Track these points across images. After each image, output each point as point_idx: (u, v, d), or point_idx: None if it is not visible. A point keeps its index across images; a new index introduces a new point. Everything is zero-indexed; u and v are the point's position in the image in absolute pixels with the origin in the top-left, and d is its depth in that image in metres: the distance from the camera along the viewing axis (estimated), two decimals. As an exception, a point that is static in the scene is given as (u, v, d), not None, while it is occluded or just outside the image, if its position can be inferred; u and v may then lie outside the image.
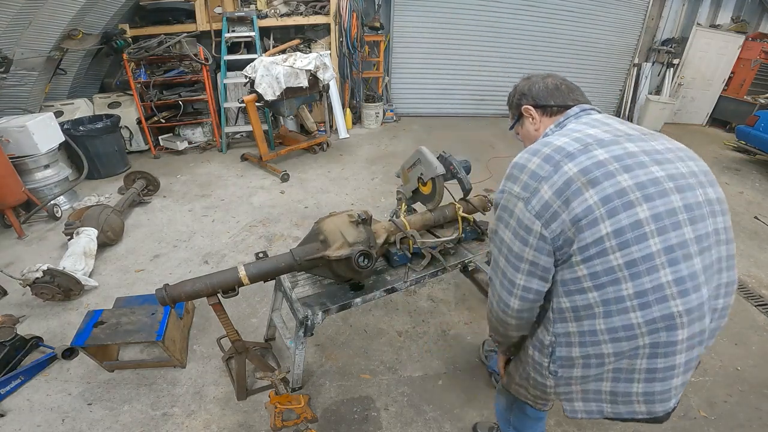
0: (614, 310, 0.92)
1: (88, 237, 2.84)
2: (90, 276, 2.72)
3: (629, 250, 0.87)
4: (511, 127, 1.27)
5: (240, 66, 4.73)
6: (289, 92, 4.23)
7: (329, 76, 4.60)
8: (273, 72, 4.05)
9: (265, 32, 5.55)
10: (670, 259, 0.88)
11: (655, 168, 0.91)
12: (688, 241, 0.89)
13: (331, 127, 5.77)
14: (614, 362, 0.97)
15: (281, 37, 5.78)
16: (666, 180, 0.91)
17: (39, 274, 2.38)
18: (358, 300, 1.80)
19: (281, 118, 5.37)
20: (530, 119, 1.17)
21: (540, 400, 1.19)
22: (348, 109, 6.10)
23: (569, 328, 0.99)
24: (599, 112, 1.09)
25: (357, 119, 6.43)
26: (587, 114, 1.07)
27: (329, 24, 5.55)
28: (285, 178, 4.39)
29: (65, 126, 4.05)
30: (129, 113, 4.82)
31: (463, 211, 2.12)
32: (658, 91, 7.31)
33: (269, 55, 4.58)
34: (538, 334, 1.09)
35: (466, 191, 2.17)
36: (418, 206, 2.34)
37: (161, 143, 5.17)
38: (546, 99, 1.13)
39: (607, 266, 0.89)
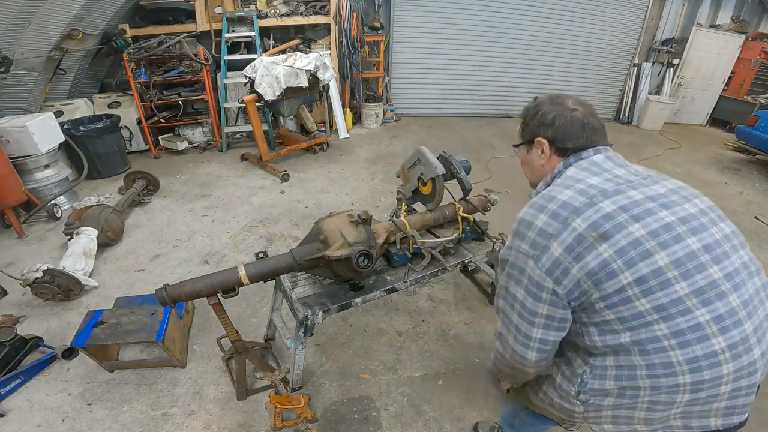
0: (651, 349, 0.90)
1: (88, 237, 2.84)
2: (90, 276, 2.72)
3: (655, 296, 0.87)
4: (516, 146, 1.19)
5: (240, 66, 4.72)
6: (289, 92, 4.23)
7: (329, 76, 4.60)
8: (273, 72, 4.05)
9: (265, 32, 5.55)
10: (702, 301, 0.87)
11: (665, 213, 0.91)
12: (718, 281, 0.89)
13: (331, 127, 5.77)
14: (650, 395, 0.95)
15: (281, 37, 5.78)
16: (678, 224, 0.90)
17: (39, 274, 2.38)
18: (358, 300, 1.80)
19: (281, 118, 5.37)
20: (539, 152, 1.10)
21: (566, 423, 1.19)
22: (348, 109, 6.10)
23: (606, 362, 0.97)
24: (601, 151, 1.05)
25: (357, 119, 6.43)
26: (587, 156, 1.03)
27: (329, 24, 5.55)
28: (285, 178, 4.39)
29: (65, 126, 4.04)
30: (129, 113, 4.82)
31: (463, 211, 2.13)
32: (658, 91, 7.31)
33: (269, 55, 4.58)
34: (566, 363, 1.07)
35: (466, 191, 2.18)
36: (418, 206, 2.34)
37: (161, 143, 5.17)
38: (566, 140, 1.05)
39: (635, 311, 0.89)
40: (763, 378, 0.98)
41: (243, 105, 4.33)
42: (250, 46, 5.37)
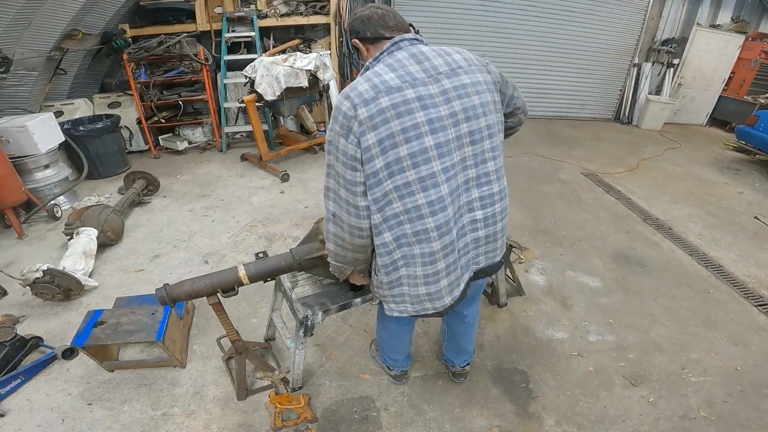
0: (394, 224, 1.21)
1: (88, 237, 2.84)
2: (90, 276, 2.72)
3: (393, 179, 1.15)
4: (356, 60, 1.48)
5: (240, 66, 4.72)
6: (289, 92, 4.23)
7: (329, 76, 4.60)
8: (273, 72, 4.05)
9: (265, 32, 5.54)
10: (423, 187, 1.17)
11: (419, 114, 1.14)
12: (437, 173, 1.17)
13: (331, 127, 5.76)
14: (403, 267, 1.29)
15: (281, 37, 5.78)
16: (424, 124, 1.14)
17: (39, 274, 2.37)
18: (358, 300, 1.81)
19: (281, 118, 5.37)
20: (364, 51, 1.32)
21: (374, 296, 1.53)
22: (348, 109, 6.09)
23: (377, 242, 1.27)
24: (412, 43, 1.24)
25: (357, 119, 6.42)
26: (398, 50, 1.22)
27: (329, 24, 5.54)
28: (285, 178, 4.39)
29: (65, 126, 4.04)
30: (129, 113, 4.82)
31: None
32: (658, 91, 7.30)
33: (269, 55, 4.58)
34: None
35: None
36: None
37: (161, 143, 5.17)
38: (363, 30, 1.29)
39: (383, 192, 1.17)
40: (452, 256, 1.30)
41: (243, 105, 4.33)
42: (250, 46, 5.37)
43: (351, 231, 1.26)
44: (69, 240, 2.86)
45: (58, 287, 2.43)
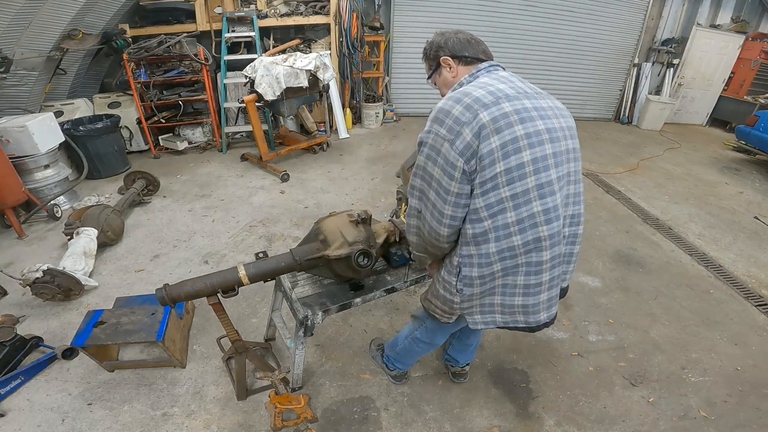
0: (502, 236, 1.17)
1: (88, 237, 2.84)
2: (90, 276, 2.72)
3: (513, 186, 1.12)
4: (429, 77, 1.44)
5: (240, 66, 4.72)
6: (289, 92, 4.23)
7: (329, 76, 4.60)
8: (273, 72, 4.05)
9: (265, 32, 5.54)
10: (540, 194, 1.14)
11: (539, 122, 1.15)
12: (553, 181, 1.16)
13: (331, 127, 5.77)
14: (501, 278, 1.24)
15: (281, 37, 5.78)
16: (544, 132, 1.15)
17: (39, 274, 2.37)
18: (358, 300, 1.80)
19: (281, 118, 5.37)
20: (448, 68, 1.34)
21: (446, 314, 1.42)
22: (348, 109, 6.09)
23: (471, 251, 1.22)
24: (504, 69, 1.31)
25: (357, 119, 6.43)
26: (495, 70, 1.28)
27: (329, 24, 5.55)
28: (285, 178, 4.39)
29: (65, 126, 4.04)
30: (129, 113, 4.82)
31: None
32: (658, 91, 7.30)
33: (269, 55, 4.58)
34: (448, 256, 1.32)
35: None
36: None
37: (161, 143, 5.17)
38: (461, 51, 1.31)
39: (499, 197, 1.13)
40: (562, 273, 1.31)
41: (243, 105, 4.33)
42: (250, 46, 5.37)
43: (430, 232, 1.26)
44: (69, 240, 2.86)
45: (58, 287, 2.43)
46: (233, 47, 5.35)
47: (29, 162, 3.48)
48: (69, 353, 2.12)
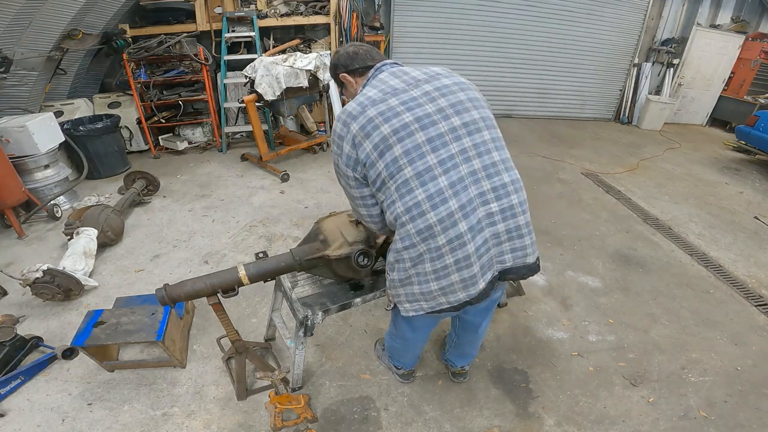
0: (399, 224, 1.25)
1: (88, 237, 2.84)
2: (90, 276, 2.72)
3: (395, 177, 1.20)
4: (341, 95, 1.57)
5: (240, 66, 4.72)
6: (289, 92, 4.23)
7: (329, 76, 4.59)
8: (273, 72, 4.05)
9: (265, 32, 5.54)
10: (421, 182, 1.19)
11: (406, 115, 1.21)
12: (433, 165, 1.19)
13: (331, 127, 5.76)
14: (412, 267, 1.30)
15: (281, 37, 5.78)
16: (413, 123, 1.20)
17: (39, 274, 2.37)
18: (358, 300, 1.81)
19: (281, 118, 5.37)
20: (349, 83, 1.44)
21: (388, 302, 1.54)
22: (348, 109, 6.08)
23: (396, 236, 1.31)
24: (394, 65, 1.36)
25: (357, 119, 6.42)
26: (379, 73, 1.34)
27: (329, 24, 5.54)
28: (285, 178, 4.39)
29: (65, 126, 4.04)
30: (129, 113, 4.82)
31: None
32: (658, 91, 7.31)
33: (269, 55, 4.58)
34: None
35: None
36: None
37: (161, 143, 5.17)
38: (351, 64, 1.41)
39: (389, 190, 1.23)
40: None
41: (243, 105, 4.32)
42: (250, 46, 5.37)
43: (367, 225, 1.47)
44: (69, 240, 2.86)
45: (58, 287, 2.43)
46: (233, 47, 5.35)
47: (29, 162, 3.48)
48: (69, 353, 2.12)
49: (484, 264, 1.29)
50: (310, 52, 5.01)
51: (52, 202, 3.56)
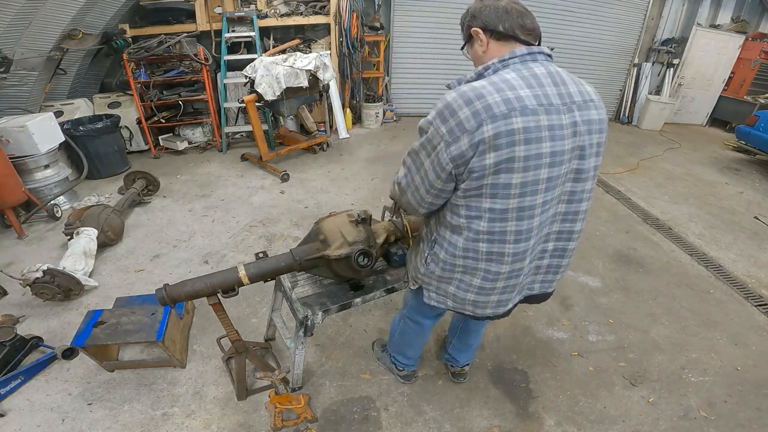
0: (471, 237, 1.19)
1: (88, 237, 2.84)
2: (90, 276, 2.72)
3: (493, 201, 1.10)
4: (462, 48, 1.34)
5: (240, 66, 4.72)
6: (289, 92, 4.23)
7: (329, 76, 4.60)
8: (273, 72, 4.05)
9: (265, 32, 5.54)
10: (519, 216, 1.13)
11: (546, 144, 1.06)
12: (537, 205, 1.13)
13: (331, 127, 5.77)
14: (460, 273, 1.29)
15: (281, 37, 5.78)
16: (548, 155, 1.07)
17: (39, 274, 2.37)
18: (358, 300, 1.80)
19: (281, 118, 5.37)
20: (478, 42, 1.19)
21: (412, 281, 1.51)
22: (348, 109, 6.09)
23: (445, 235, 1.26)
24: (546, 58, 1.14)
25: (357, 119, 6.43)
26: (532, 61, 1.11)
27: (329, 24, 5.54)
28: (285, 178, 4.39)
29: (65, 126, 4.04)
30: (129, 113, 4.82)
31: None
32: (658, 91, 7.31)
33: (269, 55, 4.58)
34: (427, 230, 1.37)
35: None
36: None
37: (161, 143, 5.17)
38: (495, 22, 1.13)
39: (478, 206, 1.13)
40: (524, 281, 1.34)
41: (243, 105, 4.32)
42: (250, 46, 5.37)
43: (407, 206, 1.32)
44: (69, 240, 2.86)
45: (58, 287, 2.43)
46: (233, 47, 5.35)
47: (29, 162, 3.48)
48: (69, 353, 2.12)
49: (520, 290, 1.36)
50: (310, 52, 5.02)
51: (52, 202, 3.56)
